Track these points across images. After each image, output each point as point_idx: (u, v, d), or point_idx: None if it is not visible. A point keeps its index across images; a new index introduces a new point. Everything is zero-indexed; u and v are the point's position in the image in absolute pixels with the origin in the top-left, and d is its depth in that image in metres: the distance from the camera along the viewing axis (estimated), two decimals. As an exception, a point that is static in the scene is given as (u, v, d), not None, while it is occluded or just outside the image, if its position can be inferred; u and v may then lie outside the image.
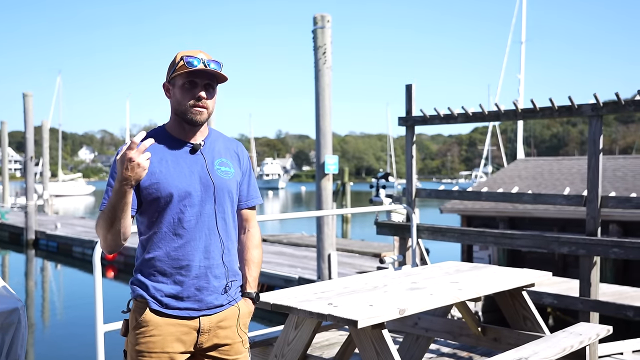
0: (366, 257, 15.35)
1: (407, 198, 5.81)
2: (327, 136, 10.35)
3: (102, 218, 2.12)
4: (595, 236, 4.56)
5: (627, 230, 11.71)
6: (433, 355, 4.69)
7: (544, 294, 4.82)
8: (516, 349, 3.19)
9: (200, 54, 2.22)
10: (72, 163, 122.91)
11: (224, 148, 2.38)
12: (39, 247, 22.47)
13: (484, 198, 5.48)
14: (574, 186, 12.53)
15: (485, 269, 3.96)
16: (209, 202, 2.25)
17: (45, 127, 37.05)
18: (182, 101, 2.23)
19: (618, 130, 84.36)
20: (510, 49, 32.29)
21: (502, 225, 13.25)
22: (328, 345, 4.88)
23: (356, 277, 3.69)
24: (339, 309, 2.81)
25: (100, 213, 2.14)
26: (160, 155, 2.24)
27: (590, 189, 4.59)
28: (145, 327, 2.20)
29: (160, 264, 2.21)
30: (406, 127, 5.74)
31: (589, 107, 4.61)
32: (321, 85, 10.18)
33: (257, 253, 2.46)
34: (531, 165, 15.79)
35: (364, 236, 22.09)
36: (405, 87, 5.77)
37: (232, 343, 2.31)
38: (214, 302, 2.26)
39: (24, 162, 24.09)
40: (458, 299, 3.25)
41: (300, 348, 3.12)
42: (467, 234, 5.41)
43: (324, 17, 10.06)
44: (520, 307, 3.79)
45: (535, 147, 79.15)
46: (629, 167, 13.61)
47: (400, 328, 4.17)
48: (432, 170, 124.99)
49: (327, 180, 10.39)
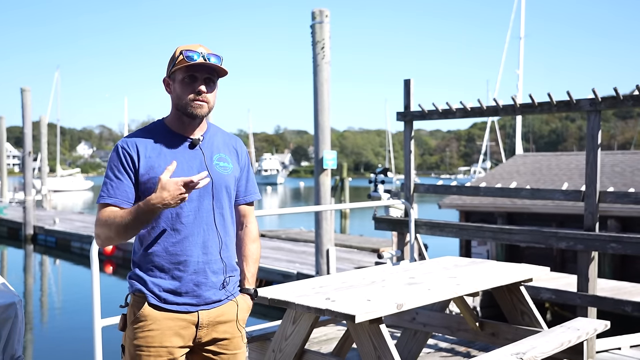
0: (365, 252, 15.36)
1: (405, 193, 5.81)
2: (326, 131, 10.34)
3: (117, 224, 2.11)
4: (593, 231, 4.56)
5: (625, 226, 11.73)
6: (431, 350, 4.70)
7: (542, 289, 4.83)
8: (514, 344, 3.19)
9: (200, 48, 2.21)
10: (70, 158, 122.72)
11: (223, 143, 2.37)
12: (37, 243, 22.46)
13: (482, 193, 5.47)
14: (572, 181, 12.53)
15: (483, 264, 3.96)
16: (207, 197, 2.25)
17: (44, 122, 36.94)
18: (183, 95, 2.22)
19: (617, 126, 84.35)
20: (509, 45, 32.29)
21: (500, 220, 13.26)
22: (326, 340, 4.88)
23: (354, 272, 3.68)
24: (336, 304, 2.81)
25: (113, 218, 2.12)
26: (159, 149, 2.23)
27: (589, 184, 4.59)
28: (144, 322, 2.19)
29: (159, 259, 2.21)
30: (404, 122, 5.73)
31: (587, 102, 4.60)
32: (320, 80, 10.16)
33: (255, 248, 2.46)
34: (530, 161, 15.80)
35: (363, 231, 22.10)
36: (404, 82, 5.76)
37: (231, 338, 2.31)
38: (212, 297, 2.26)
39: (22, 157, 24.07)
40: (456, 293, 3.25)
41: (298, 343, 3.12)
42: (465, 229, 5.40)
43: (323, 12, 10.04)
44: (518, 302, 3.79)
45: (534, 143, 79.14)
46: (628, 162, 13.62)
47: (398, 323, 4.17)
48: (431, 165, 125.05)
49: (325, 176, 10.38)
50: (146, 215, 2.07)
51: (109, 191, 2.18)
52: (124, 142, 2.24)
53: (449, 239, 14.01)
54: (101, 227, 2.16)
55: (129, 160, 2.20)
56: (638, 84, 4.32)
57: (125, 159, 2.20)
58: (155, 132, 2.27)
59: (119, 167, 2.20)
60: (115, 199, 2.17)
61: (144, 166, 2.19)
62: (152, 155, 2.21)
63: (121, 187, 2.18)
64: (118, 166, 2.20)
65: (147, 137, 2.25)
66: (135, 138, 2.25)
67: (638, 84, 4.32)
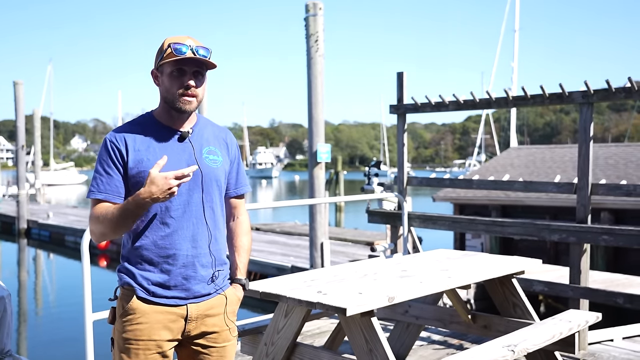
0: (359, 245, 15.39)
1: (398, 186, 5.80)
2: (320, 124, 10.32)
3: (109, 219, 2.11)
4: (585, 223, 4.57)
5: (618, 218, 11.77)
6: (424, 342, 4.71)
7: (534, 282, 4.84)
8: (505, 336, 3.19)
9: (188, 40, 2.18)
10: (64, 152, 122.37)
11: (213, 136, 2.36)
12: (31, 237, 22.41)
13: (475, 186, 5.47)
14: (565, 174, 12.56)
15: (476, 256, 3.96)
16: (197, 190, 2.23)
17: (37, 115, 36.74)
18: (171, 89, 2.20)
19: (611, 118, 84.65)
20: (503, 37, 32.27)
21: (494, 213, 13.29)
22: (318, 334, 4.89)
23: (346, 266, 3.68)
24: (328, 297, 2.80)
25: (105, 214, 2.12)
26: (148, 143, 2.21)
27: (581, 176, 4.59)
28: (132, 315, 2.18)
29: (147, 252, 2.20)
30: (397, 115, 5.72)
31: (580, 95, 4.60)
32: (313, 73, 10.13)
33: (246, 240, 2.46)
34: (523, 154, 15.82)
35: (357, 225, 22.13)
36: (397, 75, 5.74)
37: (219, 331, 2.30)
38: (201, 291, 2.25)
39: (16, 151, 23.97)
40: (448, 286, 3.25)
41: (290, 336, 3.11)
42: (458, 222, 5.40)
43: (316, 5, 10.00)
44: (510, 294, 3.79)
45: (528, 136, 79.29)
46: (621, 155, 13.66)
47: (390, 316, 4.17)
48: (426, 159, 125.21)
49: (319, 169, 10.37)
50: (136, 210, 2.07)
51: (99, 186, 2.18)
52: (112, 136, 2.22)
53: (443, 232, 14.03)
54: (94, 223, 2.16)
55: (118, 154, 2.19)
56: (630, 77, 4.32)
57: (114, 153, 2.19)
58: (144, 125, 2.26)
59: (108, 162, 2.19)
60: (106, 194, 2.17)
61: (132, 160, 2.18)
62: (141, 148, 2.19)
63: (111, 182, 2.18)
64: (107, 160, 2.19)
65: (135, 130, 2.23)
66: (124, 131, 2.23)
67: (630, 77, 4.32)
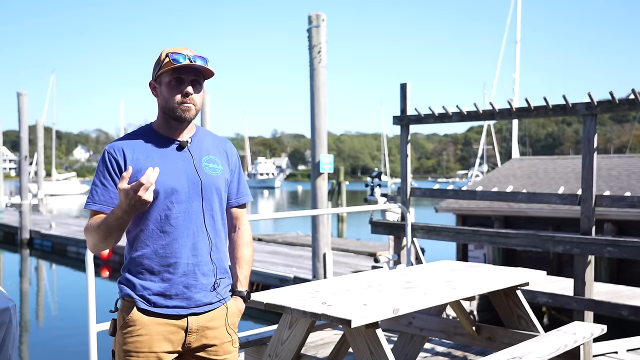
0: (361, 256, 15.35)
1: (401, 197, 5.80)
2: (322, 135, 10.35)
3: (96, 230, 2.14)
4: (589, 235, 4.56)
5: (621, 229, 11.73)
6: (428, 354, 4.69)
7: (538, 293, 4.82)
8: (510, 348, 3.18)
9: (185, 50, 2.23)
10: (67, 162, 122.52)
11: (212, 145, 2.37)
12: (33, 247, 22.39)
13: (479, 197, 5.47)
14: (568, 185, 12.55)
15: (480, 268, 3.95)
16: (197, 199, 2.24)
17: (40, 126, 36.87)
18: (170, 98, 2.23)
19: (613, 129, 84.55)
20: (505, 49, 32.34)
21: (497, 224, 13.26)
22: (322, 345, 4.87)
23: (350, 277, 3.67)
24: (332, 308, 2.80)
25: (95, 225, 2.15)
26: (147, 152, 2.23)
27: (585, 187, 4.59)
28: (133, 327, 2.18)
29: (148, 261, 2.20)
30: (401, 126, 5.73)
31: (583, 106, 4.60)
32: (316, 84, 10.17)
33: (248, 251, 2.45)
34: (526, 165, 15.82)
35: (360, 235, 22.10)
36: (400, 86, 5.76)
37: (220, 343, 2.29)
38: (203, 299, 2.25)
39: (19, 161, 24.03)
40: (452, 298, 3.24)
41: (294, 347, 3.11)
42: (462, 233, 5.40)
43: (319, 16, 10.05)
44: (515, 306, 3.78)
45: (530, 147, 79.17)
46: (623, 166, 13.64)
47: (394, 327, 4.16)
48: (428, 169, 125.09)
49: (322, 180, 10.38)
50: (117, 221, 2.08)
51: (94, 197, 2.21)
52: (110, 148, 2.25)
53: (446, 243, 13.98)
54: (87, 234, 2.20)
55: (115, 165, 2.21)
56: (634, 88, 4.33)
57: (111, 164, 2.21)
58: (143, 135, 2.28)
59: (104, 173, 2.22)
60: (100, 204, 2.19)
61: (131, 170, 2.19)
62: (139, 157, 2.21)
63: (106, 193, 2.20)
64: (104, 172, 2.22)
65: (134, 140, 2.26)
66: (122, 142, 2.26)
67: (634, 88, 4.33)
